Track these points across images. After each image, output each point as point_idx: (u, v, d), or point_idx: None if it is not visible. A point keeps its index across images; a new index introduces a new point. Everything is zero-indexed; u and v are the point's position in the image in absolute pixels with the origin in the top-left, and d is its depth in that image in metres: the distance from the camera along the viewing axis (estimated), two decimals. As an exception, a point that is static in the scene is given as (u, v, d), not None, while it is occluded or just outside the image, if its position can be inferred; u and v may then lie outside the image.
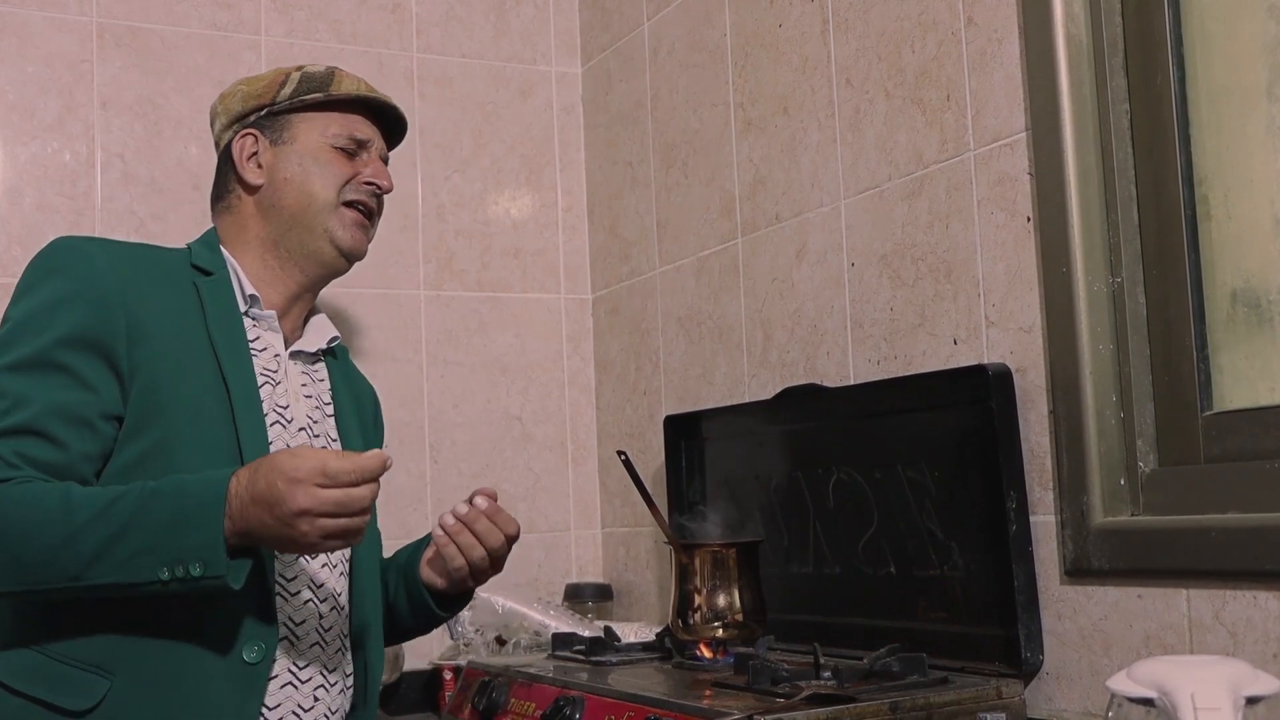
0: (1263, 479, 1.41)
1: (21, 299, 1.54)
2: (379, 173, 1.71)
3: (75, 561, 1.38)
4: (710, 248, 2.31)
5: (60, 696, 1.44)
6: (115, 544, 1.37)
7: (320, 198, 1.67)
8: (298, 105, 1.69)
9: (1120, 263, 1.58)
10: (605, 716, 1.61)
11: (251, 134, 1.69)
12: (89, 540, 1.38)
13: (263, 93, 1.70)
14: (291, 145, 1.68)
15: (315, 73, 1.71)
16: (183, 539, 1.37)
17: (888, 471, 1.81)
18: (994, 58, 1.70)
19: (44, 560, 1.38)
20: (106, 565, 1.38)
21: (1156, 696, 1.05)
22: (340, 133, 1.69)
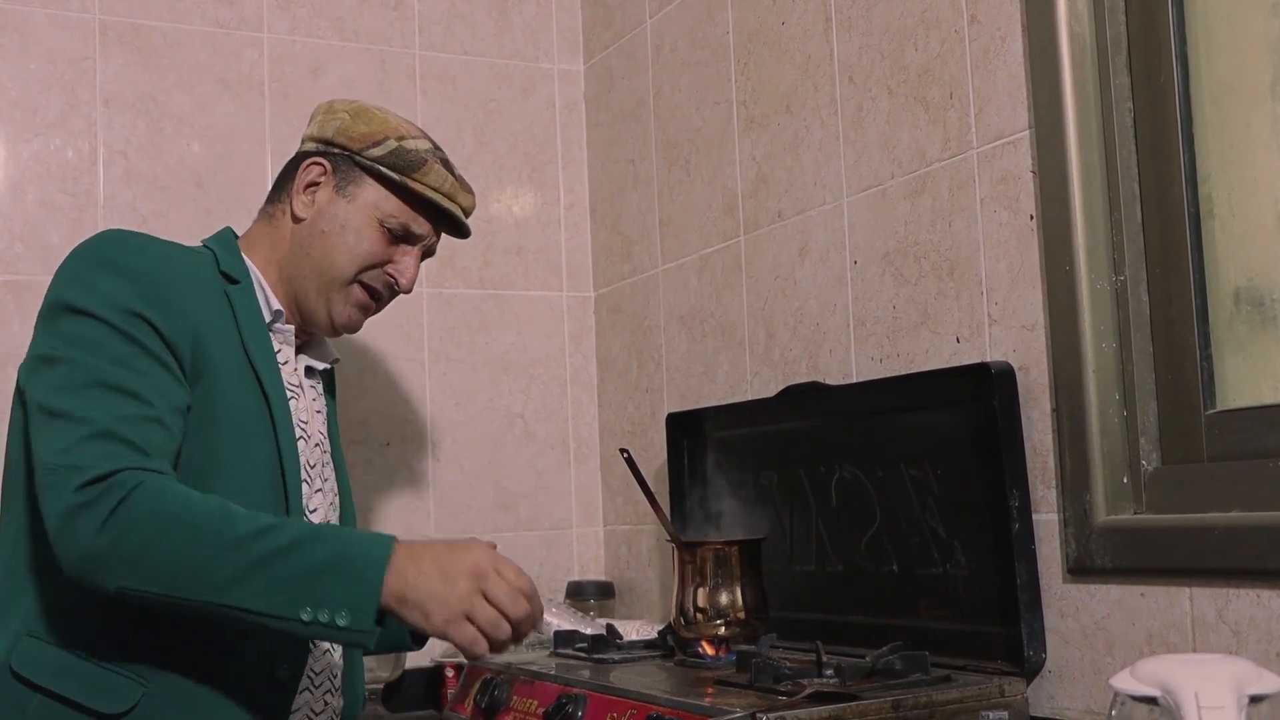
0: (1265, 477, 1.41)
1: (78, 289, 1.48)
2: (407, 271, 1.68)
3: (225, 575, 1.32)
4: (712, 245, 2.31)
5: (93, 698, 1.43)
6: (269, 568, 1.33)
7: (338, 269, 1.64)
8: (376, 172, 1.65)
9: (1123, 261, 1.57)
10: (607, 714, 1.61)
11: (322, 165, 1.66)
12: (244, 557, 1.33)
13: (356, 138, 1.66)
14: (348, 202, 1.65)
15: (410, 151, 1.66)
16: (338, 586, 1.32)
17: (890, 469, 1.81)
18: (997, 56, 1.70)
19: (199, 567, 1.33)
20: (254, 588, 1.32)
21: (1160, 695, 1.05)
22: (397, 218, 1.66)
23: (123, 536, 1.33)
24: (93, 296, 1.46)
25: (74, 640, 1.45)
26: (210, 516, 1.35)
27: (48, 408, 1.41)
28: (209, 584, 1.33)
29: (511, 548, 2.57)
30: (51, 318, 1.49)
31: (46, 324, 1.49)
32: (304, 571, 1.32)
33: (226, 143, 2.42)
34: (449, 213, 1.70)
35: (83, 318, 1.46)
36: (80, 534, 1.33)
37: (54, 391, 1.42)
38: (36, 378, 1.45)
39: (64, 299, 1.48)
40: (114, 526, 1.33)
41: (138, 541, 1.33)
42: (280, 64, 2.47)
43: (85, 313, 1.46)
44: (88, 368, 1.42)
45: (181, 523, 1.34)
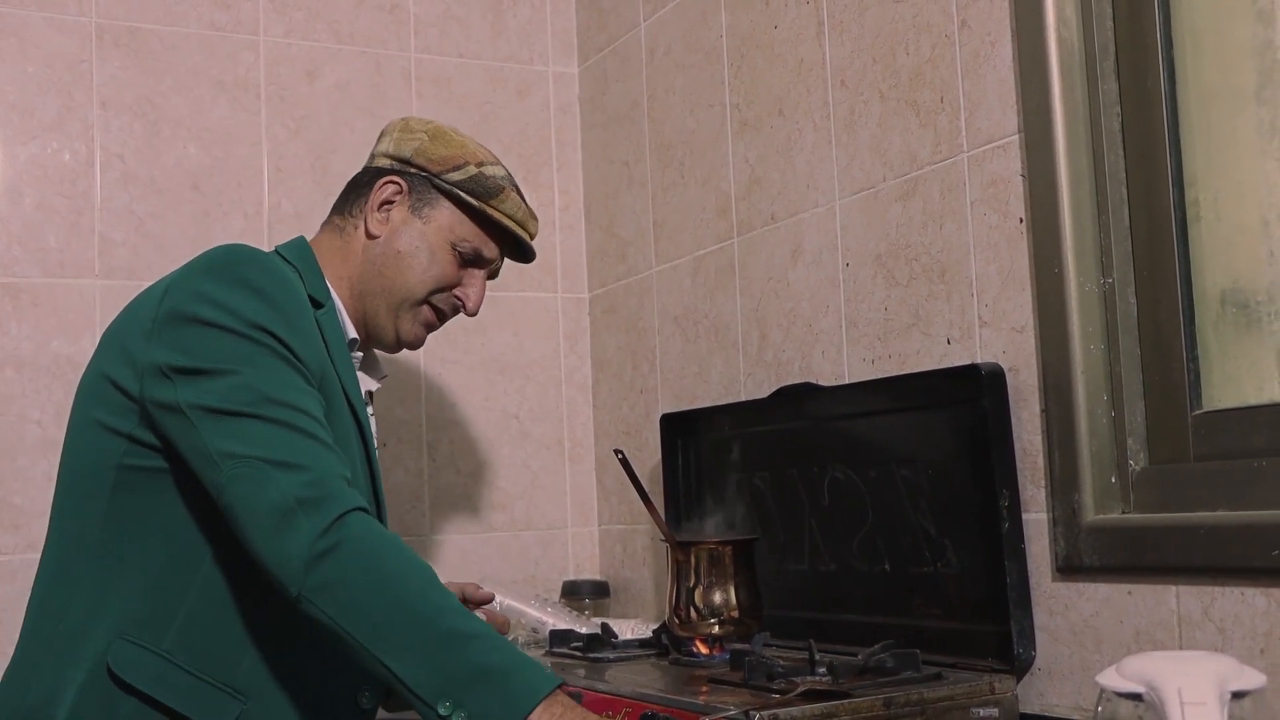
0: (1251, 477, 1.43)
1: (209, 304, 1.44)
2: (474, 295, 1.72)
3: (405, 641, 1.29)
4: (706, 247, 2.33)
5: (192, 708, 1.42)
6: (445, 650, 1.29)
7: (411, 290, 1.67)
8: (455, 196, 1.67)
9: (1111, 264, 1.59)
10: (602, 713, 1.62)
11: (399, 184, 1.68)
12: (427, 629, 1.30)
13: (435, 161, 1.68)
14: (424, 223, 1.67)
15: (490, 178, 1.68)
16: (490, 696, 1.27)
17: (882, 469, 1.82)
18: (987, 60, 1.72)
19: (387, 623, 1.30)
20: (420, 659, 1.28)
21: (1144, 691, 1.07)
22: (470, 242, 1.69)
23: (337, 555, 1.31)
24: (232, 311, 1.43)
25: (174, 649, 1.44)
26: (419, 577, 1.33)
27: (220, 408, 1.37)
28: (386, 642, 1.29)
29: (507, 547, 2.59)
30: (181, 328, 1.44)
31: (174, 333, 1.44)
32: (468, 666, 1.28)
33: (223, 145, 2.43)
34: (520, 240, 1.74)
35: (222, 326, 1.42)
36: (299, 531, 1.30)
37: (222, 397, 1.38)
38: (188, 388, 1.40)
39: (198, 311, 1.44)
40: (332, 540, 1.31)
41: (349, 570, 1.31)
42: (276, 67, 2.48)
43: (225, 322, 1.42)
44: (252, 376, 1.39)
45: (393, 573, 1.32)
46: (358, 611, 1.30)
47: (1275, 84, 1.49)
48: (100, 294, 2.31)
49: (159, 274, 2.33)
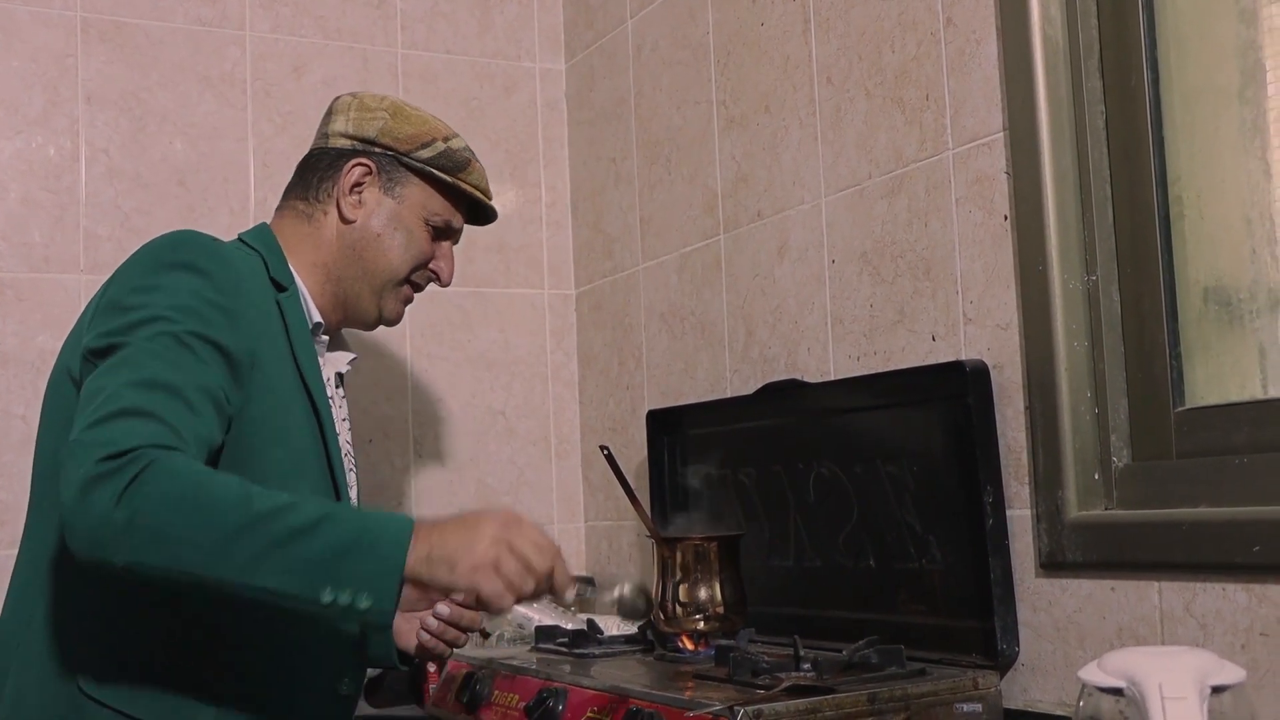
0: (1232, 474, 1.44)
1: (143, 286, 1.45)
2: (447, 267, 1.76)
3: (244, 554, 1.27)
4: (692, 244, 2.33)
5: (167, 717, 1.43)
6: (289, 546, 1.28)
7: (394, 268, 1.69)
8: (425, 173, 1.68)
9: (1095, 261, 1.60)
10: (588, 708, 1.63)
11: (367, 165, 1.67)
12: (264, 535, 1.28)
13: (402, 139, 1.68)
14: (398, 203, 1.68)
15: (456, 151, 1.71)
16: (361, 565, 1.29)
17: (867, 466, 1.83)
18: (972, 58, 1.73)
19: (216, 544, 1.27)
20: (273, 567, 1.27)
21: (1125, 686, 1.07)
22: (441, 215, 1.71)
23: (140, 509, 1.26)
24: (158, 294, 1.43)
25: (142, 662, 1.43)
26: (230, 493, 1.29)
27: (86, 391, 1.36)
28: (227, 563, 1.27)
29: (493, 543, 2.59)
30: (110, 313, 1.44)
31: (104, 318, 1.44)
32: (325, 550, 1.28)
33: (209, 140, 2.43)
34: (485, 207, 1.77)
35: (141, 312, 1.41)
36: (95, 505, 1.26)
37: (95, 377, 1.37)
38: (91, 369, 1.40)
39: (123, 297, 1.45)
40: (131, 499, 1.25)
41: (155, 515, 1.26)
42: (263, 62, 2.48)
43: (145, 308, 1.42)
44: (135, 355, 1.37)
45: (200, 498, 1.28)
46: (189, 551, 1.27)
47: (1258, 83, 1.50)
48: (85, 289, 2.30)
49: (144, 269, 2.34)
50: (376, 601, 1.29)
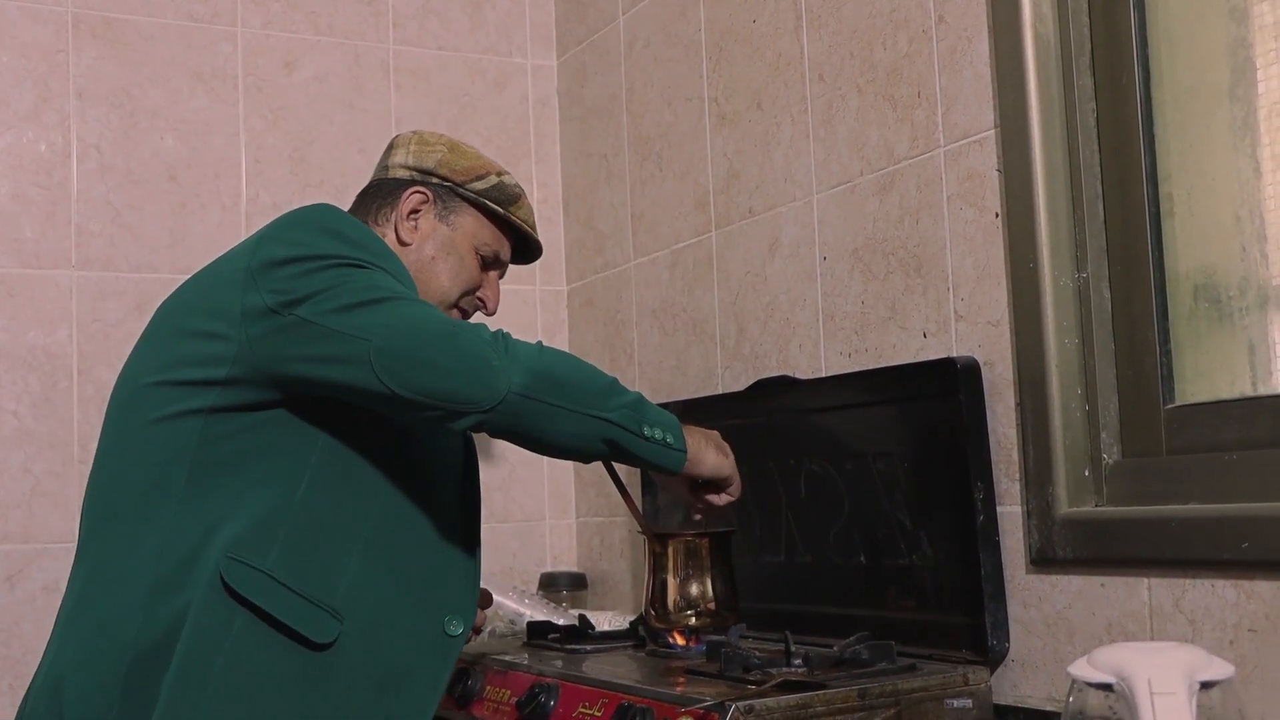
0: (1222, 470, 1.45)
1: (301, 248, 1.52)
2: (494, 296, 1.83)
3: (605, 398, 1.52)
4: (684, 240, 2.33)
5: (299, 623, 1.48)
6: (613, 396, 1.53)
7: (445, 292, 1.75)
8: (479, 204, 1.75)
9: (1086, 258, 1.61)
10: (579, 704, 1.63)
11: (425, 194, 1.75)
12: (605, 386, 1.54)
13: (459, 171, 1.76)
14: (451, 230, 1.75)
15: (509, 186, 1.78)
16: (654, 413, 1.57)
17: (858, 462, 1.83)
18: (964, 56, 1.73)
19: (581, 391, 1.51)
20: (617, 404, 1.52)
21: (1115, 682, 1.08)
22: (490, 246, 1.77)
23: (519, 348, 1.48)
24: (326, 251, 1.52)
25: (277, 567, 1.49)
26: (566, 359, 1.56)
27: (349, 304, 1.47)
28: (585, 399, 1.51)
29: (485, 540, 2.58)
30: (277, 271, 1.51)
31: (271, 278, 1.50)
32: (633, 400, 1.55)
33: (200, 136, 2.42)
34: (533, 241, 1.84)
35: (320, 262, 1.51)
36: (476, 338, 1.46)
37: (353, 294, 1.48)
38: (306, 309, 1.47)
39: (292, 254, 1.52)
40: (509, 342, 1.48)
41: (530, 354, 1.49)
42: (254, 58, 2.48)
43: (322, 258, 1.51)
44: (368, 278, 1.51)
45: (553, 352, 1.53)
46: (559, 383, 1.49)
47: (1248, 81, 1.50)
48: (77, 285, 2.30)
49: (136, 265, 2.34)
50: (676, 440, 1.58)
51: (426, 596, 1.59)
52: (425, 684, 1.58)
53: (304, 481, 1.52)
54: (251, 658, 1.47)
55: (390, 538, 1.56)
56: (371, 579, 1.54)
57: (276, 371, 1.49)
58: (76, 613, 1.54)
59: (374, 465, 1.55)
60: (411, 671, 1.57)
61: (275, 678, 1.48)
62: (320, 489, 1.52)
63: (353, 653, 1.52)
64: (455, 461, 1.66)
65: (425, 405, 1.45)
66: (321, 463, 1.52)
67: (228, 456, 1.52)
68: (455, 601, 1.62)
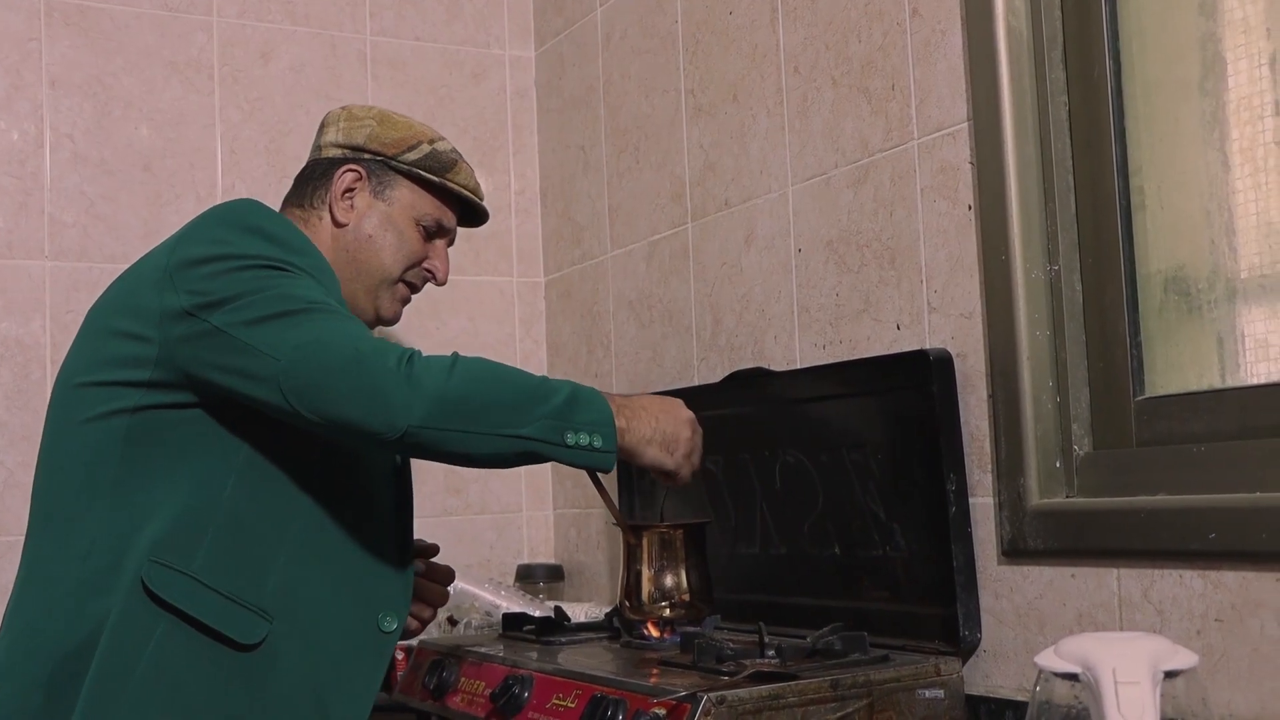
0: (1191, 462, 1.46)
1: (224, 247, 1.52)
2: (442, 266, 1.79)
3: (523, 411, 1.47)
4: (661, 232, 2.33)
5: (224, 625, 1.48)
6: (536, 405, 1.48)
7: (387, 269, 1.73)
8: (413, 175, 1.73)
9: (1058, 251, 1.62)
10: (553, 695, 1.64)
11: (358, 172, 1.72)
12: (526, 396, 1.49)
13: (390, 144, 1.73)
14: (387, 205, 1.72)
15: (443, 153, 1.75)
16: (583, 414, 1.50)
17: (833, 454, 1.84)
18: (937, 49, 1.74)
19: (495, 411, 1.46)
20: (533, 420, 1.47)
21: (1081, 671, 1.09)
22: (431, 215, 1.75)
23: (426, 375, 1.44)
24: (247, 250, 1.51)
25: (203, 570, 1.48)
26: (484, 372, 1.50)
27: (261, 316, 1.45)
28: (498, 418, 1.46)
29: (462, 531, 2.59)
30: (196, 270, 1.50)
31: (189, 277, 1.50)
32: (560, 405, 1.49)
33: (175, 126, 2.41)
34: (476, 206, 1.80)
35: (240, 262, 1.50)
36: (386, 369, 1.42)
37: (265, 306, 1.46)
38: (219, 317, 1.46)
39: (213, 252, 1.51)
40: (415, 369, 1.44)
41: (437, 381, 1.44)
42: (230, 48, 2.47)
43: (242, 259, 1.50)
44: (286, 286, 1.49)
45: (466, 370, 1.47)
46: (468, 410, 1.45)
47: (1218, 75, 1.51)
48: (50, 275, 2.29)
49: (110, 256, 2.32)
50: (605, 442, 1.51)
51: (358, 593, 1.58)
52: (360, 681, 1.58)
53: (230, 481, 1.51)
54: (175, 662, 1.46)
55: (320, 535, 1.55)
56: (301, 577, 1.53)
57: (195, 375, 1.49)
58: (11, 614, 1.54)
59: (301, 464, 1.54)
60: (346, 669, 1.56)
61: (201, 681, 1.47)
62: (247, 488, 1.52)
63: (284, 652, 1.51)
64: (387, 456, 1.64)
65: (332, 431, 1.45)
66: (248, 462, 1.51)
67: (154, 457, 1.51)
68: (388, 597, 1.61)
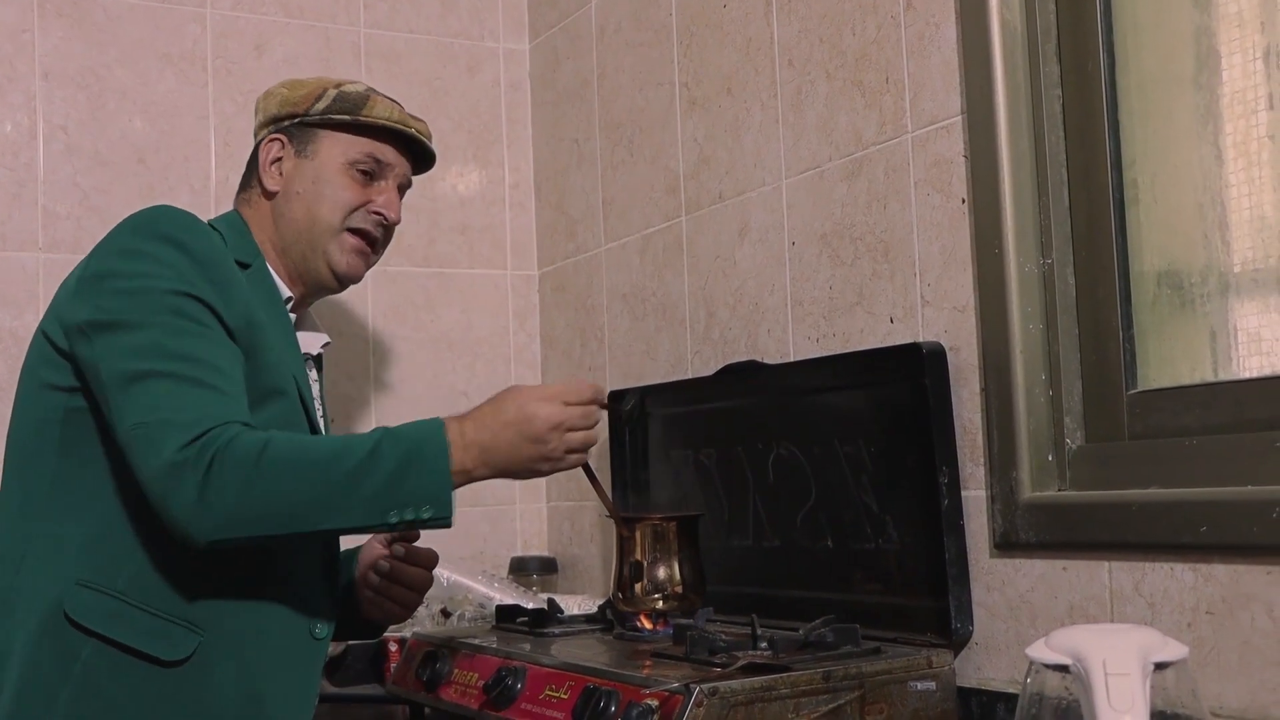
0: (1183, 455, 1.46)
1: (134, 258, 1.51)
2: (389, 203, 1.75)
3: (320, 509, 1.42)
4: (655, 225, 2.33)
5: (151, 644, 1.48)
6: (353, 490, 1.42)
7: (324, 220, 1.70)
8: (327, 122, 1.71)
9: (1051, 244, 1.62)
10: (546, 686, 1.64)
11: (279, 139, 1.73)
12: (329, 488, 1.42)
13: (299, 101, 1.73)
14: (312, 160, 1.71)
15: (351, 93, 1.73)
16: (413, 484, 1.43)
17: (826, 447, 1.84)
18: (931, 42, 1.74)
19: (294, 512, 1.42)
20: (345, 510, 1.43)
21: (1071, 663, 1.09)
22: (362, 156, 1.72)
23: (221, 498, 1.39)
24: (152, 266, 1.50)
25: (129, 589, 1.48)
26: (292, 456, 1.42)
27: (127, 371, 1.44)
28: (303, 522, 1.43)
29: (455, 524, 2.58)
30: (99, 285, 1.50)
31: (93, 291, 1.50)
32: (384, 481, 1.42)
33: (169, 118, 2.41)
34: (407, 135, 1.76)
35: (135, 281, 1.49)
36: (182, 495, 1.39)
37: (131, 354, 1.45)
38: (102, 344, 1.47)
39: (118, 267, 1.51)
40: (213, 482, 1.39)
41: (235, 499, 1.40)
42: (224, 40, 2.46)
43: (140, 277, 1.49)
44: (162, 332, 1.46)
45: (270, 473, 1.40)
46: (272, 517, 1.42)
47: (1211, 69, 1.51)
48: (44, 267, 2.29)
49: (103, 248, 2.32)
50: (437, 511, 1.45)
51: (288, 601, 1.57)
52: (295, 688, 1.58)
53: None
54: (102, 686, 1.46)
55: (235, 558, 1.51)
56: (230, 588, 1.53)
57: (95, 392, 1.50)
58: None
59: None
60: (282, 677, 1.56)
61: (132, 701, 1.47)
62: None
63: (217, 663, 1.51)
64: None
65: None
66: None
67: (87, 461, 1.51)
68: (318, 605, 1.61)
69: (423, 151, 1.82)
